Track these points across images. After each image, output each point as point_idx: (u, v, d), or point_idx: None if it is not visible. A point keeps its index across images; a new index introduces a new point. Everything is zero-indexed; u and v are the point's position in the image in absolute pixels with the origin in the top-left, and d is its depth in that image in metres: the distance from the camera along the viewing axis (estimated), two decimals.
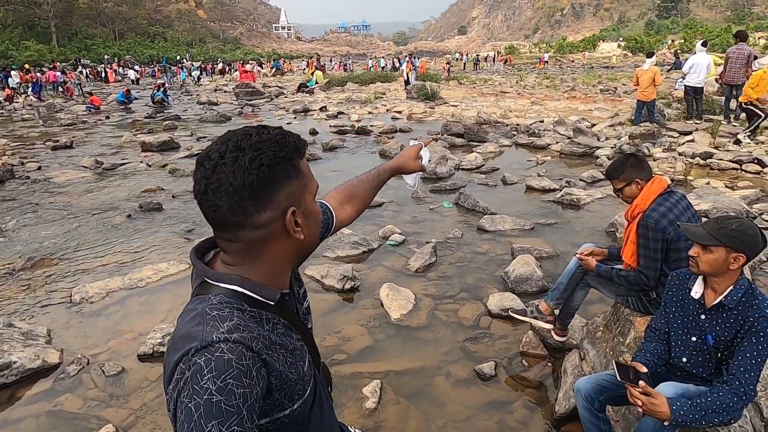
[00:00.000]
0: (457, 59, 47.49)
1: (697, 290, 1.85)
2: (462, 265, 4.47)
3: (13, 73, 27.02)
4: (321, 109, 16.22)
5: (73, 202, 6.74)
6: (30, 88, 22.79)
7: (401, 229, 5.26)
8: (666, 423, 1.68)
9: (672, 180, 6.85)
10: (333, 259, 4.59)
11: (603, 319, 2.94)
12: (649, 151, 8.39)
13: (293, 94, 22.35)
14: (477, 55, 51.98)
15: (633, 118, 10.70)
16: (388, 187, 7.09)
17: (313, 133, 11.77)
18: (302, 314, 1.04)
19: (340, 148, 10.10)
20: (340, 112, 15.51)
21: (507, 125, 11.45)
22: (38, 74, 26.10)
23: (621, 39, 63.30)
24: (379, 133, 11.63)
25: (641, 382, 1.73)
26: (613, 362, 1.84)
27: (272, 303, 0.90)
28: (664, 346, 1.95)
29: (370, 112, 15.53)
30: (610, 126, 11.02)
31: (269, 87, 25.19)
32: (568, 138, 9.70)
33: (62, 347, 3.28)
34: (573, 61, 48.31)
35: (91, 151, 10.29)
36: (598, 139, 9.56)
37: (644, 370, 1.79)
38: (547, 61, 44.71)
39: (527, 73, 32.58)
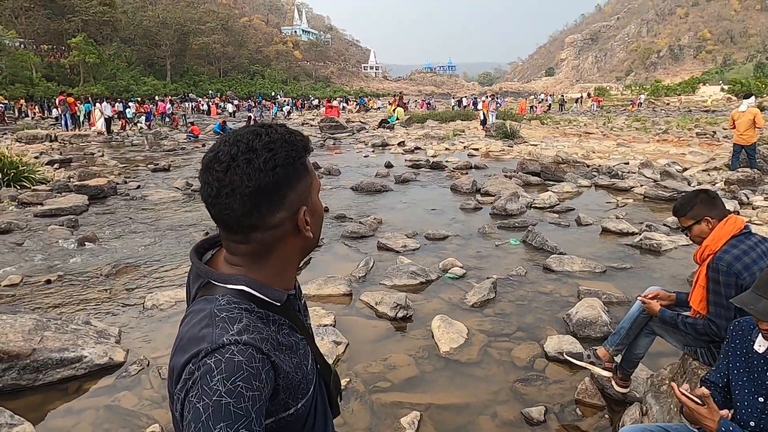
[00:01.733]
0: (541, 101, 46.36)
1: (761, 343, 1.62)
2: (522, 303, 4.27)
3: (130, 104, 30.40)
4: (399, 144, 16.55)
5: (161, 219, 7.32)
6: (143, 118, 25.40)
7: (463, 262, 5.15)
8: None
9: None
10: (389, 287, 4.58)
11: (670, 371, 2.66)
12: (748, 198, 7.66)
13: (374, 129, 23.05)
14: (562, 96, 50.80)
15: (730, 163, 9.86)
16: (456, 221, 7.08)
17: (389, 166, 12.00)
18: (302, 311, 1.05)
19: (413, 181, 10.19)
20: (417, 147, 15.73)
21: (588, 166, 10.99)
22: (151, 106, 29.09)
23: (723, 82, 59.18)
24: (453, 168, 11.62)
25: (704, 389, 1.52)
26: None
27: (279, 304, 0.90)
28: (720, 396, 1.73)
29: (447, 149, 15.60)
30: (704, 170, 10.23)
31: (352, 122, 26.16)
32: (654, 181, 9.12)
33: (128, 347, 3.51)
34: (668, 104, 45.79)
35: (184, 174, 11.18)
36: (689, 184, 8.89)
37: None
38: (641, 104, 42.75)
39: (616, 115, 31.28)
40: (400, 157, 14.01)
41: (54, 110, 26.87)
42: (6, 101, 35.26)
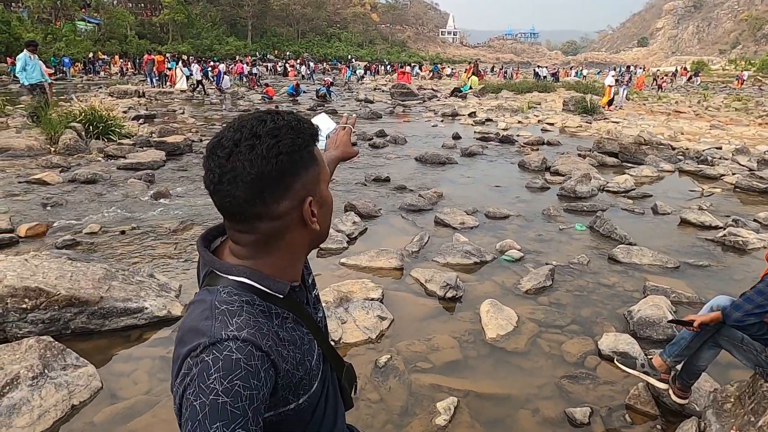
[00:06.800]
0: (667, 73, 41.48)
1: None
2: (580, 294, 4.05)
3: (212, 64, 31.47)
4: (469, 115, 16.08)
5: None
6: (215, 80, 26.12)
7: (521, 245, 4.95)
8: None
9: None
10: (442, 264, 4.50)
11: (737, 389, 2.42)
12: None
13: (446, 98, 22.52)
14: (658, 70, 46.67)
15: None
16: (520, 200, 6.80)
17: (456, 137, 11.71)
18: (312, 303, 1.01)
19: (479, 155, 9.88)
20: (489, 119, 15.21)
21: (673, 149, 10.15)
22: (230, 64, 29.89)
23: None
24: (524, 143, 11.14)
25: None
26: None
27: (282, 296, 0.87)
28: None
29: (519, 122, 14.97)
30: None
31: (424, 89, 25.68)
32: (750, 170, 8.26)
33: (186, 303, 3.71)
34: None
35: None
36: None
37: None
38: (744, 80, 38.67)
39: (714, 93, 28.53)
40: (469, 128, 13.62)
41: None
42: (104, 56, 37.87)
